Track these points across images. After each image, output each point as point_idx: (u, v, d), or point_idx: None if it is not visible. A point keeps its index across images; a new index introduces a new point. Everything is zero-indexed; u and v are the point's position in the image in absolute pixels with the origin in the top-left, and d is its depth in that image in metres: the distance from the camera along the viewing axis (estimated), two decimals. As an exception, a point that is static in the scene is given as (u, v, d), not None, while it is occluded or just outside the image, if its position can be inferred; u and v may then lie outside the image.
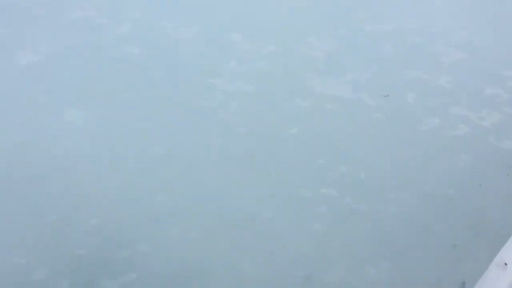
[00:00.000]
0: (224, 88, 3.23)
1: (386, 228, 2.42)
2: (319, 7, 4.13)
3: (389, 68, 3.52)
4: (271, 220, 2.41)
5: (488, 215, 2.52)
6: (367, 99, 3.26)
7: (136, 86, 3.18)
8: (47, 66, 3.25)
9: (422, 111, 3.16)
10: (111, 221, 2.34)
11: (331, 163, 2.76)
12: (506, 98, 3.26)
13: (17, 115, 2.90)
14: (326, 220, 2.43)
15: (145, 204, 2.45)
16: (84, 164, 2.64)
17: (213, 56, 3.50)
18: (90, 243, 2.24)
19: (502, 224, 2.46)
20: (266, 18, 3.94)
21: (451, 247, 2.35)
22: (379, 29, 3.88)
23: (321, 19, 3.96)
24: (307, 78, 3.37)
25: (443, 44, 3.73)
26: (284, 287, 2.12)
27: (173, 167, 2.67)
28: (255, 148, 2.84)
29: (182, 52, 3.51)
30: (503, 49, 3.70)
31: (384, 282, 2.15)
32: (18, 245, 2.21)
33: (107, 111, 2.98)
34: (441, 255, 2.32)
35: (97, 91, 3.11)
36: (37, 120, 2.88)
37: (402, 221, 2.47)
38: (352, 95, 3.29)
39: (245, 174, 2.67)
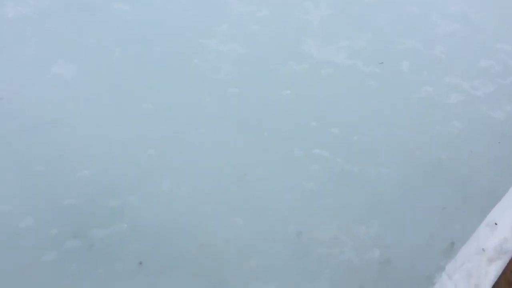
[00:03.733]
0: (217, 48, 3.17)
1: (377, 189, 2.42)
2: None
3: (384, 37, 3.49)
4: (263, 178, 2.39)
5: (478, 181, 2.54)
6: (362, 66, 3.24)
7: (127, 43, 3.09)
8: (36, 19, 3.14)
9: (416, 80, 3.15)
10: (100, 174, 2.30)
11: (324, 126, 2.75)
12: (499, 69, 3.26)
13: (5, 68, 2.81)
14: (318, 179, 2.42)
15: (135, 159, 2.41)
16: (73, 117, 2.58)
17: (207, 17, 3.42)
18: (79, 193, 2.20)
19: (491, 189, 2.48)
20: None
21: (440, 209, 2.37)
22: (375, -2, 3.84)
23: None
24: (302, 43, 3.33)
25: (439, 15, 3.70)
26: (276, 241, 2.11)
27: (164, 124, 2.62)
28: (247, 109, 2.81)
29: (176, 11, 3.43)
30: (497, 22, 3.69)
31: (374, 239, 2.16)
32: (5, 194, 2.15)
33: (97, 66, 2.90)
34: (430, 216, 2.34)
35: (87, 46, 3.02)
36: (25, 74, 2.79)
37: (393, 183, 2.47)
38: (347, 61, 3.26)
39: (237, 133, 2.64)
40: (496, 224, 2.07)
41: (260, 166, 2.45)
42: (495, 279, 1.86)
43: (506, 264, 1.89)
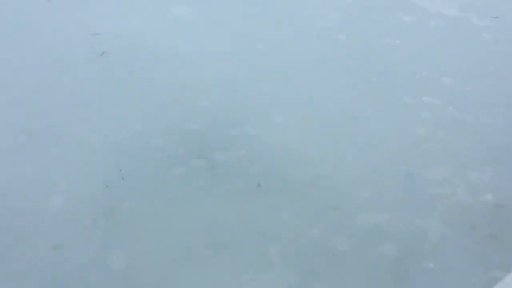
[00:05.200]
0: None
1: (491, 138, 2.38)
2: None
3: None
4: (372, 119, 2.43)
5: None
6: (475, 19, 3.13)
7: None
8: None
9: (534, 35, 3.00)
10: (220, 105, 2.45)
11: (434, 76, 2.72)
12: None
13: (132, 5, 3.05)
14: (429, 125, 2.42)
15: (250, 94, 2.54)
16: (191, 53, 2.75)
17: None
18: (200, 121, 2.36)
19: None
20: None
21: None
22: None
23: None
24: (411, -6, 3.27)
25: None
26: (386, 179, 2.16)
27: (276, 65, 2.73)
28: (356, 55, 2.84)
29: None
30: None
31: (488, 184, 2.14)
32: (137, 116, 2.37)
33: (214, 9, 3.05)
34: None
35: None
36: (148, 13, 3.01)
37: (508, 134, 2.41)
38: (459, 13, 3.16)
39: (346, 77, 2.68)
40: None
41: (369, 108, 2.49)
42: None
43: None
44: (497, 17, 3.13)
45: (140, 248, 1.83)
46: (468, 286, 1.77)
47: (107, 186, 2.04)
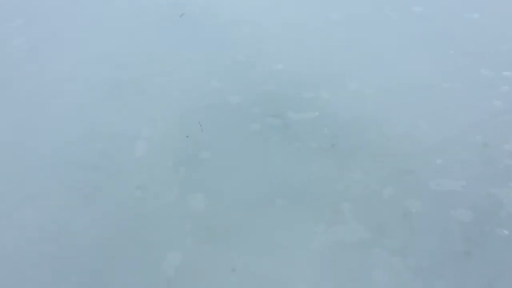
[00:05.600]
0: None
1: None
2: None
3: None
4: (449, 90, 2.40)
5: None
6: (562, -4, 2.99)
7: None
8: None
9: None
10: (295, 70, 2.51)
11: (515, 51, 2.64)
12: None
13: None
14: (507, 99, 2.36)
15: (324, 61, 2.57)
16: (265, 21, 2.82)
17: None
18: (275, 83, 2.43)
19: None
20: None
21: None
22: None
23: None
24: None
25: None
26: (461, 147, 2.14)
27: (350, 33, 2.74)
28: (433, 27, 2.80)
29: None
30: None
31: None
32: (215, 74, 2.47)
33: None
34: None
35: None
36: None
37: None
38: (544, -11, 3.03)
39: (423, 49, 2.65)
40: None
41: (446, 80, 2.46)
42: None
43: None
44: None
45: (219, 194, 1.93)
46: (545, 255, 1.75)
47: (187, 137, 2.15)
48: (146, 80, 2.42)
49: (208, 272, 1.69)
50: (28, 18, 2.93)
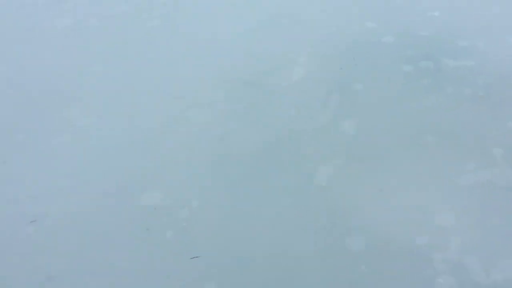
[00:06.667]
0: None
1: None
2: None
3: None
4: None
5: None
6: None
7: None
8: None
9: None
10: (450, 19, 2.49)
11: None
12: None
13: None
14: None
15: (483, 13, 2.52)
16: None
17: None
18: (431, 29, 2.46)
19: None
20: None
21: None
22: None
23: None
24: None
25: None
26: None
27: None
28: None
29: None
30: None
31: None
32: (370, 15, 2.54)
33: None
34: None
35: None
36: None
37: None
38: None
39: None
40: None
41: None
42: None
43: None
44: None
45: (370, 122, 2.03)
46: None
47: (341, 68, 2.27)
48: (301, 14, 2.57)
49: (357, 187, 1.82)
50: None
